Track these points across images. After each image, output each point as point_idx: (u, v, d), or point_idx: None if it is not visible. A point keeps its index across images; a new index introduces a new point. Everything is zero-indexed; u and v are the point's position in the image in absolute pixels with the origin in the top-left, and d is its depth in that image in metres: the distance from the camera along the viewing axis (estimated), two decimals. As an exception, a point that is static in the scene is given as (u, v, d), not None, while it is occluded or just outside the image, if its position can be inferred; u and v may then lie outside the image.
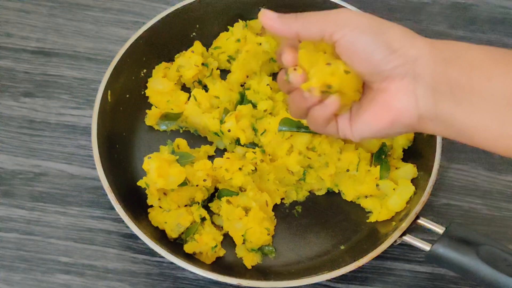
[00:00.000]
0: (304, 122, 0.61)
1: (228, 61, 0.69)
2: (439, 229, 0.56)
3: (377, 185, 0.61)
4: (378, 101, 0.48)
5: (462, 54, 0.45)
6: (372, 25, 0.47)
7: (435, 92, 0.45)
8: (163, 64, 0.68)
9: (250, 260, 0.60)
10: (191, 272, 0.56)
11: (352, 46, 0.46)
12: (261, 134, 0.63)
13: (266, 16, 0.49)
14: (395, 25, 0.48)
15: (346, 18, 0.47)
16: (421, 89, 0.46)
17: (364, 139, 0.51)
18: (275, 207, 0.63)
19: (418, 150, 0.64)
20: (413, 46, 0.46)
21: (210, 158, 0.65)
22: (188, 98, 0.65)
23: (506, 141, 0.44)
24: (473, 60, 0.45)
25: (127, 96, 0.66)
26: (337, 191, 0.64)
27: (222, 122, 0.63)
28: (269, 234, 0.60)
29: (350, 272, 0.56)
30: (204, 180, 0.60)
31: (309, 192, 0.64)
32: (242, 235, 0.60)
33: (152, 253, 0.59)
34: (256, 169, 0.62)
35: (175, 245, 0.60)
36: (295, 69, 0.49)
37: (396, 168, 0.63)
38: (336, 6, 0.67)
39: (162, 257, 0.56)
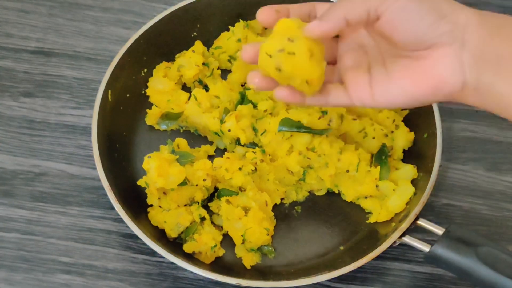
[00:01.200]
0: (304, 122, 0.61)
1: (229, 61, 0.69)
2: (439, 230, 0.56)
3: (377, 185, 0.61)
4: (417, 68, 0.47)
5: (509, 26, 0.45)
6: None
7: (480, 60, 0.45)
8: (164, 63, 0.68)
9: (250, 260, 0.60)
10: (191, 272, 0.56)
11: (398, 16, 0.45)
12: (261, 134, 0.63)
13: (316, 25, 0.46)
14: None
15: None
16: (467, 56, 0.45)
17: (391, 106, 0.49)
18: (275, 207, 0.63)
19: (418, 151, 0.64)
20: (462, 14, 0.45)
21: (210, 157, 0.65)
22: (189, 98, 0.66)
23: None
24: None
25: (128, 95, 0.66)
26: (337, 192, 0.64)
27: (222, 122, 0.63)
28: (268, 234, 0.60)
29: (349, 272, 0.56)
30: (204, 180, 0.60)
31: (309, 192, 0.64)
32: (242, 235, 0.60)
33: (152, 253, 0.59)
34: (256, 169, 0.62)
35: (175, 244, 0.60)
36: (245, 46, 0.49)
37: (396, 169, 0.63)
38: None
39: (162, 257, 0.56)
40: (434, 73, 0.46)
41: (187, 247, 0.59)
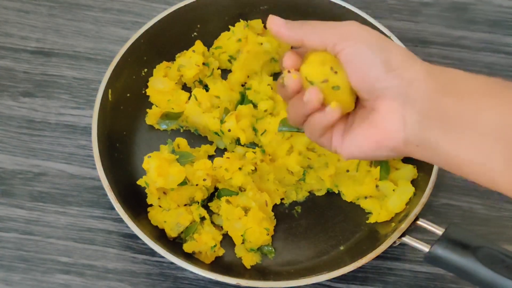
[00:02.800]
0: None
1: (229, 61, 0.69)
2: (438, 230, 0.56)
3: (376, 186, 0.61)
4: (368, 120, 0.48)
5: (456, 82, 0.45)
6: (375, 42, 0.47)
7: (424, 118, 0.45)
8: (164, 63, 0.68)
9: (249, 260, 0.60)
10: (191, 272, 0.56)
11: (352, 59, 0.46)
12: (261, 134, 0.63)
13: (273, 22, 0.49)
14: (398, 46, 0.48)
15: (351, 31, 0.47)
16: (411, 113, 0.45)
17: (352, 158, 0.50)
18: (275, 207, 0.63)
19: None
20: (410, 69, 0.46)
21: (210, 157, 0.65)
22: (189, 98, 0.66)
23: (490, 174, 0.43)
24: (466, 89, 0.44)
25: (128, 95, 0.66)
26: (336, 192, 0.64)
27: (222, 121, 0.63)
28: (268, 234, 0.60)
29: (350, 272, 0.56)
30: (204, 180, 0.60)
31: (309, 192, 0.65)
32: (242, 235, 0.60)
33: (152, 253, 0.59)
34: (256, 169, 0.62)
35: (175, 244, 0.60)
36: (289, 72, 0.49)
37: (396, 169, 0.63)
38: (335, 6, 0.68)
39: (162, 257, 0.56)
40: (379, 126, 0.47)
41: (187, 247, 0.59)
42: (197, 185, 0.60)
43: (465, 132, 0.44)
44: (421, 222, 0.58)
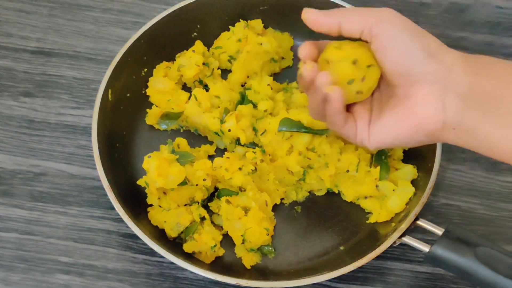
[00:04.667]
0: (304, 122, 0.61)
1: (229, 61, 0.69)
2: (438, 230, 0.56)
3: (376, 186, 0.61)
4: (402, 107, 0.48)
5: (493, 66, 0.46)
6: (412, 27, 0.47)
7: (464, 101, 0.45)
8: (164, 63, 0.68)
9: (249, 260, 0.60)
10: (191, 272, 0.56)
11: (390, 42, 0.46)
12: (261, 134, 0.63)
13: (309, 12, 0.49)
14: (431, 34, 0.48)
15: (388, 15, 0.47)
16: (451, 97, 0.46)
17: (382, 147, 0.51)
18: (275, 207, 0.63)
19: (418, 151, 0.64)
20: (448, 55, 0.47)
21: (210, 157, 0.65)
22: (189, 98, 0.66)
23: None
24: (504, 73, 0.45)
25: (128, 95, 0.66)
26: (336, 192, 0.64)
27: (222, 121, 0.63)
28: (268, 234, 0.60)
29: (350, 272, 0.56)
30: (204, 180, 0.60)
31: (309, 192, 0.65)
32: (242, 235, 0.60)
33: (152, 253, 0.59)
34: (256, 169, 0.62)
35: (175, 244, 0.60)
36: (305, 63, 0.49)
37: (396, 169, 0.63)
38: (335, 6, 0.68)
39: (162, 257, 0.56)
40: (416, 112, 0.47)
41: (187, 247, 0.59)
42: (197, 185, 0.60)
43: (505, 114, 0.44)
44: (421, 222, 0.58)
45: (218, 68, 0.69)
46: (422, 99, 0.47)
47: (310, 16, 0.49)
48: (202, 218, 0.61)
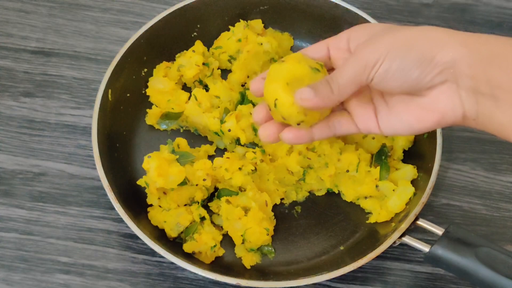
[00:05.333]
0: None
1: (229, 61, 0.69)
2: (438, 230, 0.56)
3: (376, 186, 0.61)
4: (419, 104, 0.48)
5: (499, 52, 0.44)
6: (400, 44, 0.46)
7: (476, 93, 0.45)
8: (164, 63, 0.68)
9: (249, 260, 0.60)
10: (191, 272, 0.56)
11: (385, 77, 0.46)
12: (261, 134, 0.63)
13: (304, 98, 0.47)
14: (413, 28, 0.47)
15: (372, 56, 0.46)
16: (464, 90, 0.45)
17: (397, 134, 0.51)
18: (275, 207, 0.63)
19: (419, 151, 0.64)
20: (447, 49, 0.45)
21: (210, 157, 0.65)
22: (189, 98, 0.66)
23: None
24: (510, 57, 0.44)
25: (128, 95, 0.66)
26: (336, 192, 0.64)
27: (222, 121, 0.63)
28: (268, 234, 0.60)
29: (350, 272, 0.56)
30: (204, 180, 0.60)
31: (309, 192, 0.65)
32: (242, 235, 0.60)
33: (152, 253, 0.59)
34: (256, 169, 0.62)
35: (175, 244, 0.60)
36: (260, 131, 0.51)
37: (396, 169, 0.63)
38: (335, 6, 0.68)
39: (162, 257, 0.56)
40: (435, 109, 0.47)
41: (187, 247, 0.59)
42: (197, 185, 0.60)
43: None
44: (421, 222, 0.58)
45: (218, 68, 0.69)
46: (437, 98, 0.46)
47: (307, 103, 0.47)
48: (202, 218, 0.60)
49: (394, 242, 0.57)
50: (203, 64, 0.67)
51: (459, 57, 0.45)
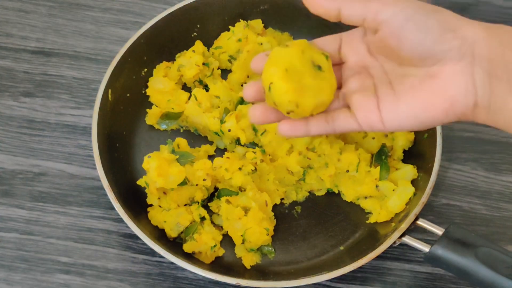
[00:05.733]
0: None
1: (229, 61, 0.69)
2: (438, 230, 0.56)
3: (376, 186, 0.61)
4: (427, 88, 0.44)
5: None
6: (423, 5, 0.43)
7: (491, 76, 0.42)
8: (164, 63, 0.68)
9: (249, 260, 0.60)
10: (191, 272, 0.56)
11: (402, 28, 0.43)
12: (261, 134, 0.63)
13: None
14: (446, 9, 0.45)
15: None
16: (480, 73, 0.43)
17: (400, 130, 0.47)
18: (275, 207, 0.63)
19: (419, 151, 0.64)
20: (469, 28, 0.43)
21: (210, 157, 0.65)
22: (189, 98, 0.66)
23: None
24: None
25: (128, 95, 0.66)
26: (336, 192, 0.64)
27: (222, 121, 0.63)
28: (268, 234, 0.60)
29: (350, 272, 0.56)
30: (204, 180, 0.60)
31: (309, 192, 0.65)
32: (242, 235, 0.60)
33: (152, 253, 0.59)
34: (256, 169, 0.62)
35: (175, 244, 0.60)
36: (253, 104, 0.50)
37: (396, 169, 0.63)
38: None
39: (162, 257, 0.56)
40: (446, 94, 0.44)
41: (187, 247, 0.59)
42: (197, 185, 0.60)
43: None
44: (421, 222, 0.58)
45: (218, 68, 0.69)
46: (450, 80, 0.43)
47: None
48: (202, 218, 0.61)
49: (394, 242, 0.57)
50: (203, 64, 0.67)
51: (478, 38, 0.43)
